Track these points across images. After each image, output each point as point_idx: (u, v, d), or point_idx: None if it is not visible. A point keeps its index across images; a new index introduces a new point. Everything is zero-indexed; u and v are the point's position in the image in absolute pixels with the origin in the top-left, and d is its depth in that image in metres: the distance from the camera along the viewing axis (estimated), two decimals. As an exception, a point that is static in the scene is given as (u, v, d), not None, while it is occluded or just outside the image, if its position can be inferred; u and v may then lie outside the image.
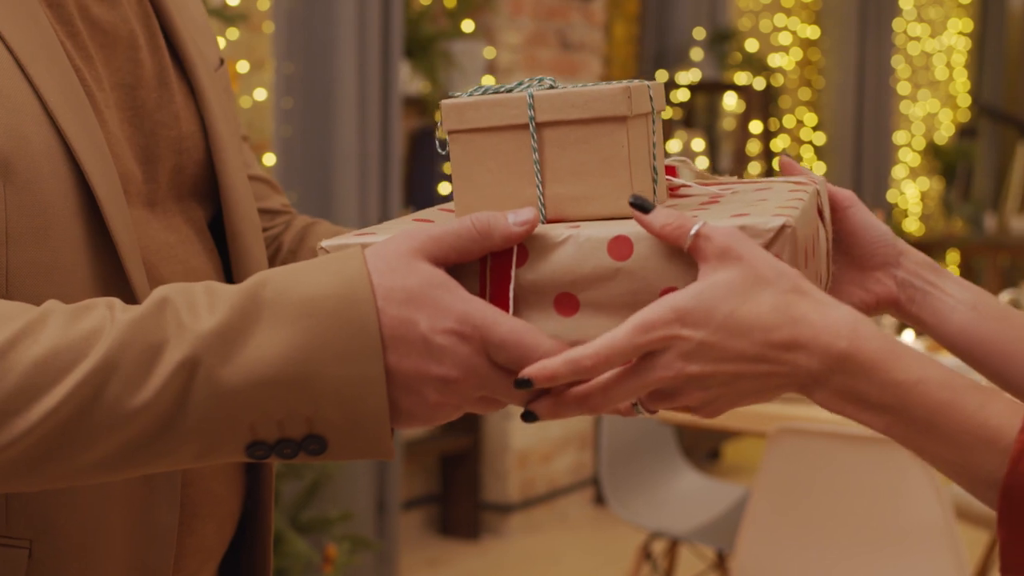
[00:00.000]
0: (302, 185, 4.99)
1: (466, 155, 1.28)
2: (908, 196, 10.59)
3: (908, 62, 10.58)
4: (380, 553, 5.22)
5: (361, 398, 1.08)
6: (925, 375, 1.06)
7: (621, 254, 1.16)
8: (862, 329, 1.07)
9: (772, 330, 1.07)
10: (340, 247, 1.20)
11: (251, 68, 4.80)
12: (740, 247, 1.10)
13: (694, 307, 1.08)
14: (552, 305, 1.18)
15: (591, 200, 1.25)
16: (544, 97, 1.25)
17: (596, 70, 6.75)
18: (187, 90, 1.44)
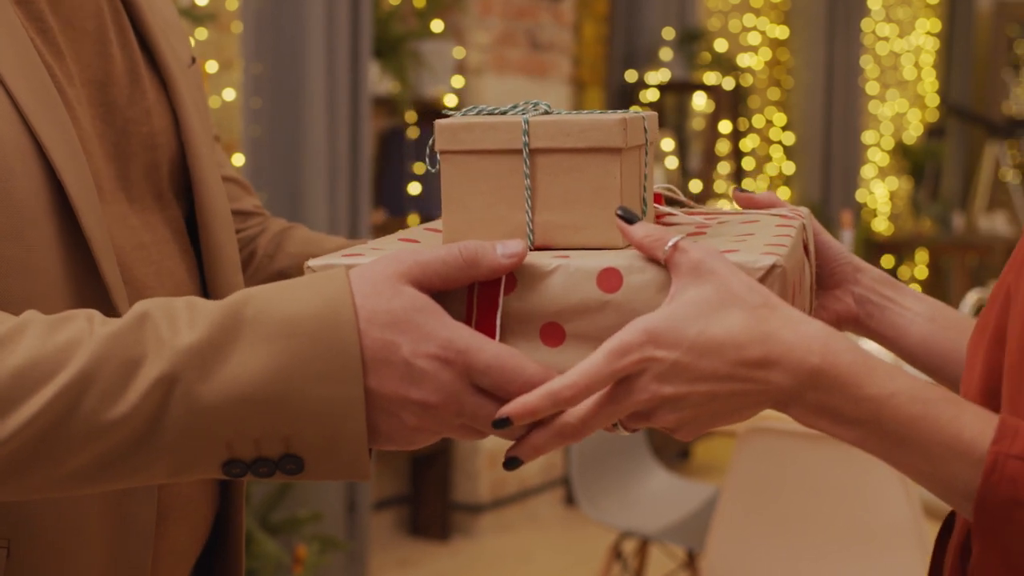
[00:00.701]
0: (271, 185, 4.98)
1: (457, 176, 1.27)
2: (877, 196, 10.62)
3: (877, 62, 10.61)
4: (350, 553, 5.22)
5: (340, 419, 1.07)
6: (897, 388, 1.06)
7: (610, 286, 1.16)
8: (834, 344, 1.07)
9: (744, 348, 1.07)
10: (326, 267, 1.19)
11: (220, 68, 4.79)
12: (713, 263, 1.10)
13: (666, 328, 1.08)
14: (538, 335, 1.18)
15: (580, 229, 1.25)
16: (539, 123, 1.24)
17: (565, 70, 6.75)
18: (159, 86, 1.43)
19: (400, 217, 5.96)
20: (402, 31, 5.82)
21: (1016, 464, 1.03)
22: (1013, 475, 1.03)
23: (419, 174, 6.06)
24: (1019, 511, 1.03)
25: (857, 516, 3.45)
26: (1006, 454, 1.03)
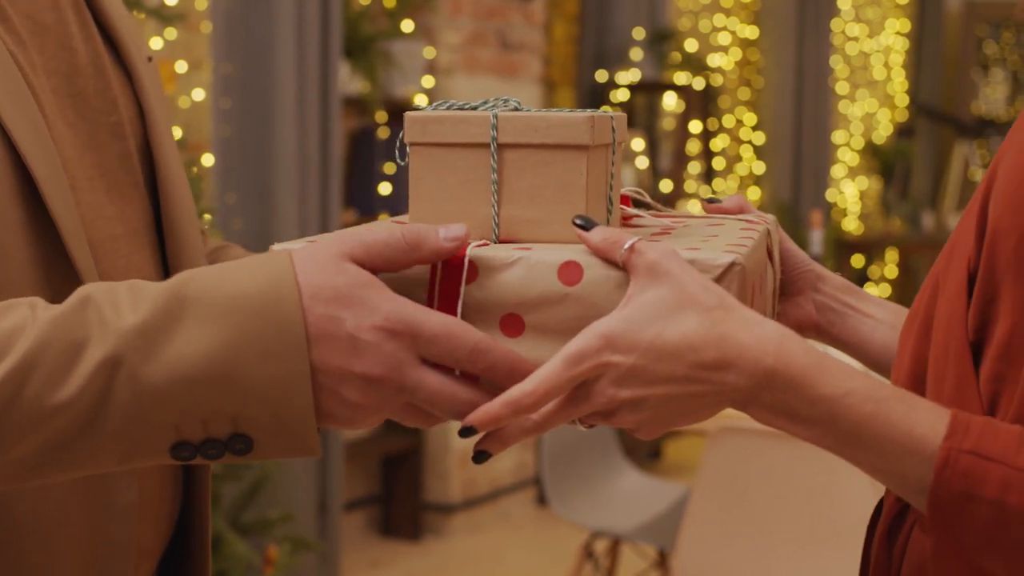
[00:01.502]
0: (241, 186, 4.97)
1: (425, 168, 1.28)
2: (847, 195, 10.65)
3: (846, 62, 10.64)
4: (321, 554, 5.21)
5: (286, 396, 1.07)
6: (851, 388, 1.08)
7: (571, 279, 1.17)
8: (788, 344, 1.09)
9: (700, 350, 1.08)
10: (288, 250, 1.19)
11: (189, 68, 4.78)
12: (668, 264, 1.11)
13: (622, 331, 1.09)
14: (498, 325, 1.19)
15: (545, 224, 1.26)
16: (508, 119, 1.25)
17: (536, 70, 6.75)
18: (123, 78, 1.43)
19: (370, 217, 5.96)
20: (372, 31, 5.82)
21: (968, 459, 1.04)
22: (965, 470, 1.04)
23: (390, 174, 6.06)
24: (972, 505, 1.04)
25: (826, 514, 3.46)
26: (958, 449, 1.05)
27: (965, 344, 1.15)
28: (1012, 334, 1.12)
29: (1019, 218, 1.11)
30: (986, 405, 1.13)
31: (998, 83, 11.93)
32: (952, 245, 1.22)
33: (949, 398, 1.16)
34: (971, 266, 1.16)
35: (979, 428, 1.06)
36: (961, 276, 1.17)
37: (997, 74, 11.94)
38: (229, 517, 4.05)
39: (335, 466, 5.29)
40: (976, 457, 1.04)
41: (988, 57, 11.90)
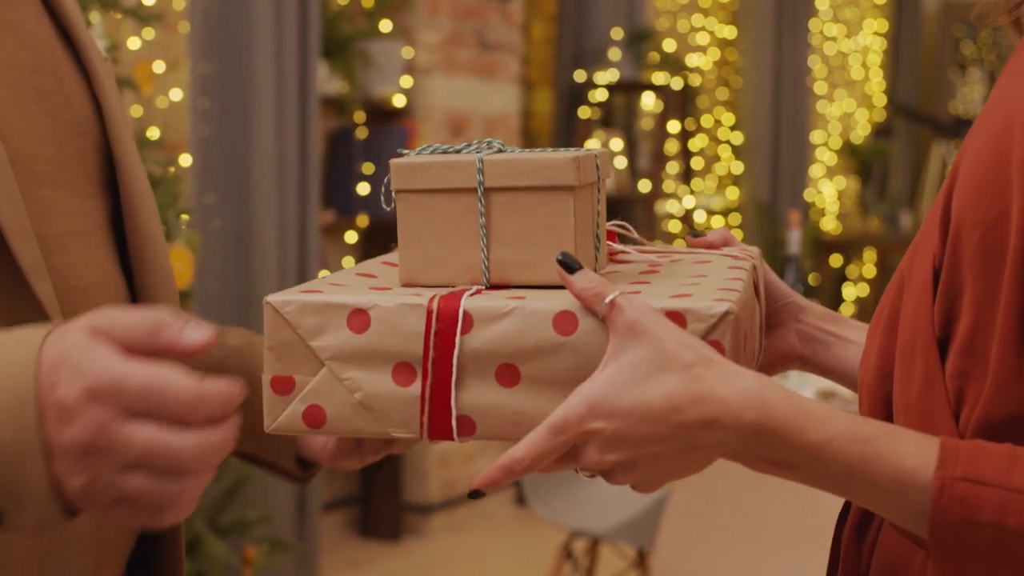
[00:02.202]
0: (220, 186, 4.96)
1: (413, 215, 1.29)
2: (825, 195, 10.67)
3: (824, 62, 10.66)
4: (300, 555, 5.20)
5: (22, 468, 1.02)
6: (835, 432, 1.09)
7: (566, 329, 1.18)
8: (769, 396, 1.10)
9: (681, 411, 1.10)
10: (285, 302, 1.23)
11: (167, 68, 4.77)
12: (647, 321, 1.13)
13: (603, 397, 1.11)
14: (494, 375, 1.20)
15: (535, 266, 1.27)
16: (494, 163, 1.26)
17: (514, 70, 6.75)
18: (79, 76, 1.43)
19: (349, 217, 5.95)
20: (350, 31, 5.81)
21: (963, 485, 1.05)
22: (961, 496, 1.05)
23: (368, 174, 6.05)
24: (972, 530, 1.05)
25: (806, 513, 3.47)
26: (951, 477, 1.06)
27: (932, 340, 1.16)
28: (975, 329, 1.12)
29: (982, 213, 1.11)
30: (952, 400, 1.14)
31: (975, 83, 11.96)
32: (917, 242, 1.23)
33: (916, 394, 1.17)
34: (936, 262, 1.17)
35: (969, 453, 1.07)
36: (926, 272, 1.18)
37: (974, 74, 11.97)
38: (207, 518, 4.04)
39: (314, 467, 5.28)
40: (970, 483, 1.05)
41: (965, 57, 11.93)
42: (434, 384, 1.21)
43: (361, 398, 1.24)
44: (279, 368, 1.26)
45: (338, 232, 6.05)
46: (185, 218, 3.93)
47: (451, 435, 1.22)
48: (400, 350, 1.22)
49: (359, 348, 1.23)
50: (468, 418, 1.22)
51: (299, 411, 1.26)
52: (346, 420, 1.25)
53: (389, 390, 1.23)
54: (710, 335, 1.16)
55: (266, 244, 4.98)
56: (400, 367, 1.22)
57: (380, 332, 1.21)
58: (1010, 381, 1.10)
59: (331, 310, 1.23)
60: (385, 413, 1.23)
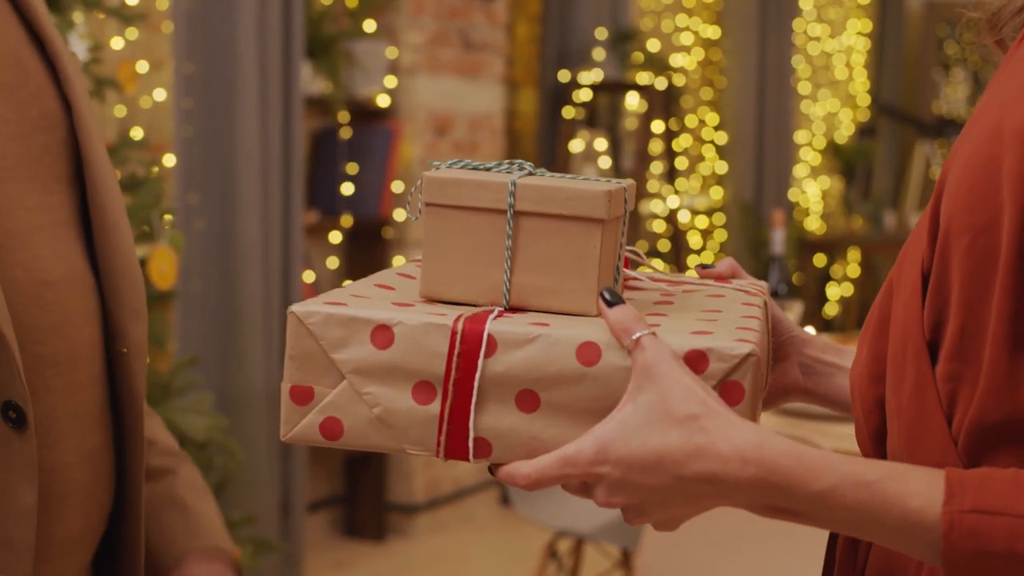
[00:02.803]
0: (204, 186, 4.95)
1: (440, 229, 1.30)
2: (809, 195, 10.67)
3: (808, 62, 10.67)
4: (285, 555, 5.20)
5: None
6: (838, 479, 1.10)
7: (589, 360, 1.19)
8: (768, 449, 1.11)
9: (682, 464, 1.12)
10: (309, 312, 1.24)
11: (150, 68, 4.76)
12: (662, 366, 1.15)
13: (612, 441, 1.14)
14: (514, 400, 1.21)
15: (556, 294, 1.28)
16: (526, 187, 1.27)
17: (498, 70, 6.75)
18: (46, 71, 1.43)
19: (333, 217, 5.94)
20: (334, 31, 5.81)
21: (972, 517, 1.06)
22: (971, 528, 1.06)
23: (352, 174, 6.05)
24: (986, 560, 1.06)
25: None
26: (960, 511, 1.06)
27: (922, 344, 1.17)
28: (963, 333, 1.13)
29: (972, 219, 1.12)
30: (945, 404, 1.15)
31: (959, 83, 11.98)
32: (908, 246, 1.24)
33: (908, 398, 1.18)
34: (925, 266, 1.18)
35: (975, 484, 1.07)
36: (915, 276, 1.19)
37: (958, 74, 11.98)
38: (191, 519, 4.03)
39: (298, 467, 5.28)
40: (979, 514, 1.06)
41: (949, 57, 11.95)
42: (454, 405, 1.22)
43: (379, 413, 1.24)
44: (299, 378, 1.26)
45: (322, 232, 6.04)
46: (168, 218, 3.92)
47: (467, 456, 1.23)
48: (422, 368, 1.23)
49: (381, 364, 1.24)
50: (485, 440, 1.23)
51: (316, 422, 1.26)
52: (363, 434, 1.25)
53: (408, 407, 1.24)
54: (731, 375, 1.18)
55: (250, 244, 4.97)
56: (420, 385, 1.23)
57: (403, 349, 1.22)
58: (1003, 385, 1.10)
59: (356, 324, 1.24)
60: (402, 430, 1.24)
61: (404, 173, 6.21)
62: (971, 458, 1.14)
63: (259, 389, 5.01)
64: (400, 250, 6.23)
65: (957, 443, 1.14)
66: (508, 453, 1.22)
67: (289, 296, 5.22)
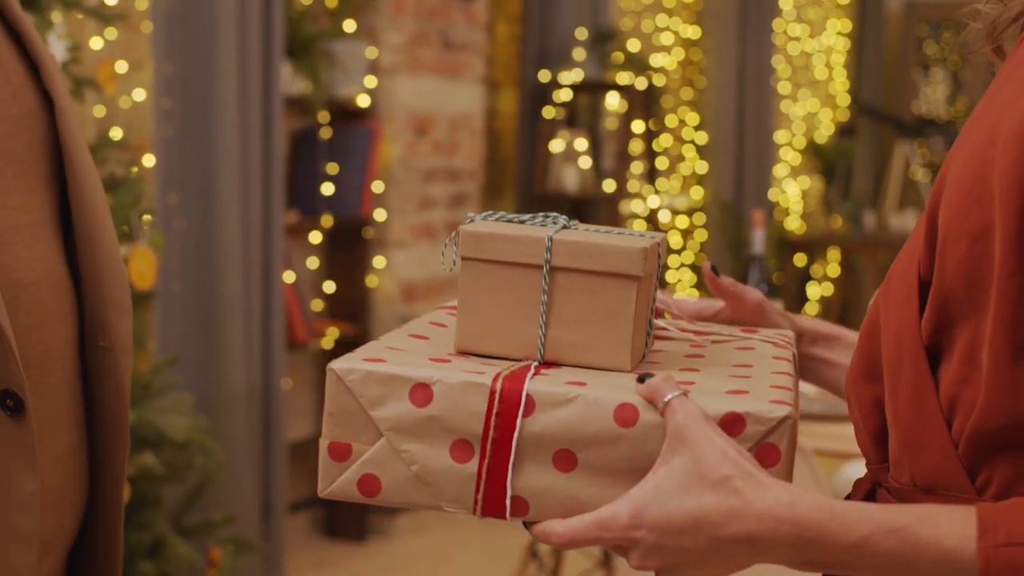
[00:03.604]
0: (183, 186, 4.94)
1: (476, 284, 1.32)
2: (789, 194, 10.69)
3: (788, 62, 10.68)
4: (265, 556, 5.19)
5: None
6: (870, 529, 1.11)
7: (626, 421, 1.20)
8: (800, 507, 1.13)
9: (718, 527, 1.14)
10: (348, 370, 1.25)
11: (130, 68, 4.75)
12: (694, 428, 1.16)
13: (647, 505, 1.16)
14: (551, 459, 1.22)
15: (590, 349, 1.30)
16: (562, 243, 1.29)
17: (478, 70, 6.75)
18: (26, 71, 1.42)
19: (313, 217, 5.94)
20: (314, 31, 5.80)
21: (1007, 551, 1.07)
22: (1007, 562, 1.06)
23: (332, 174, 6.04)
24: None
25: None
26: (994, 546, 1.07)
27: (920, 349, 1.18)
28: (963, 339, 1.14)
29: (969, 224, 1.13)
30: (945, 408, 1.16)
31: (938, 83, 12.00)
32: (904, 249, 1.25)
33: (906, 402, 1.19)
34: (922, 271, 1.19)
35: (1007, 517, 1.08)
36: (911, 280, 1.20)
37: (937, 74, 12.01)
38: (172, 519, 4.03)
39: (279, 467, 5.27)
40: (1013, 547, 1.06)
41: (928, 57, 11.97)
42: (491, 463, 1.23)
43: (417, 471, 1.25)
44: (337, 434, 1.27)
45: (302, 232, 6.03)
46: (148, 218, 3.92)
47: (504, 515, 1.24)
48: (460, 427, 1.24)
49: (419, 422, 1.25)
50: (522, 499, 1.24)
51: (354, 478, 1.27)
52: (400, 491, 1.26)
53: (446, 466, 1.25)
54: (768, 438, 1.20)
55: (230, 244, 4.96)
56: (459, 443, 1.24)
57: (442, 408, 1.23)
58: (1003, 392, 1.11)
59: (394, 382, 1.25)
60: (440, 488, 1.25)
61: (384, 173, 6.20)
62: (971, 462, 1.15)
63: (239, 389, 5.00)
64: (380, 250, 6.22)
65: (958, 447, 1.15)
66: (545, 511, 1.24)
67: (269, 296, 5.21)
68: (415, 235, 6.38)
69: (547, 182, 7.48)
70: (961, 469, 1.15)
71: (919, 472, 1.19)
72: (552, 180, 7.48)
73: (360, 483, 1.27)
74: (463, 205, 6.72)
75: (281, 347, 5.27)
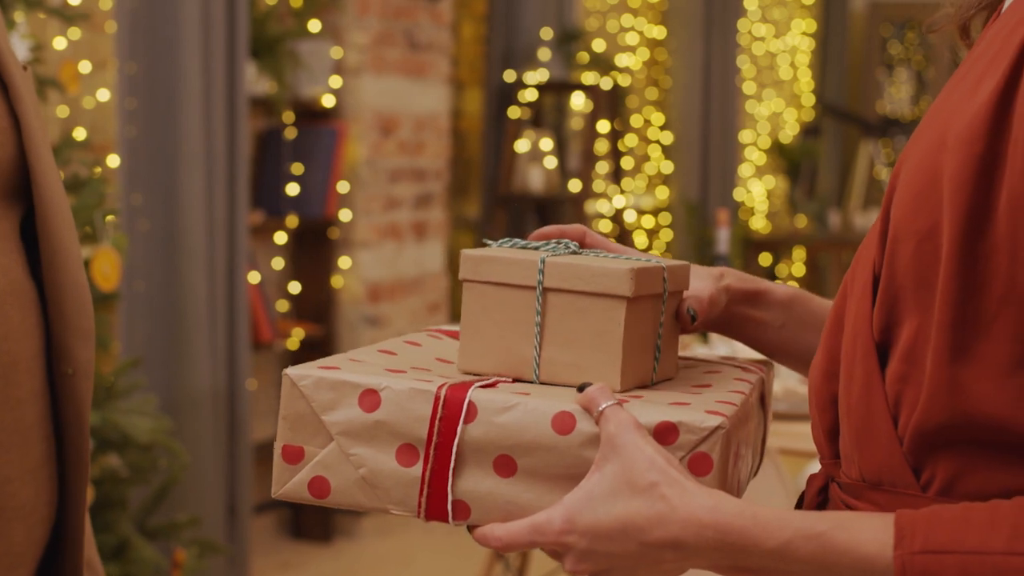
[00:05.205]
0: (147, 186, 4.93)
1: (476, 305, 1.36)
2: (754, 194, 10.72)
3: (753, 62, 10.71)
4: (230, 557, 5.17)
5: None
6: (791, 534, 1.13)
7: (563, 428, 1.23)
8: (722, 510, 1.15)
9: (645, 531, 1.16)
10: (302, 376, 1.29)
11: (93, 68, 4.73)
12: (624, 437, 1.19)
13: (579, 511, 1.19)
14: (492, 465, 1.25)
15: (582, 369, 1.33)
16: (555, 264, 1.33)
17: (444, 70, 6.74)
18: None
19: (278, 217, 5.93)
20: (279, 31, 5.79)
21: (922, 559, 1.08)
22: (922, 569, 1.08)
23: (297, 175, 6.03)
24: None
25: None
26: (909, 553, 1.09)
27: (871, 344, 1.19)
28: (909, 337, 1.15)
29: (917, 224, 1.14)
30: (891, 404, 1.17)
31: (902, 83, 12.06)
32: (862, 247, 1.27)
33: (857, 397, 1.20)
34: (875, 268, 1.20)
35: (924, 524, 1.09)
36: (867, 277, 1.21)
37: (901, 74, 12.07)
38: (136, 521, 4.02)
39: (244, 468, 5.26)
40: (928, 555, 1.08)
41: (893, 57, 12.03)
42: (434, 468, 1.26)
43: (365, 474, 1.29)
44: (291, 437, 1.31)
45: (267, 233, 6.02)
46: (112, 219, 3.90)
47: (447, 518, 1.27)
48: (406, 432, 1.27)
49: (367, 426, 1.28)
50: (464, 503, 1.27)
51: (305, 480, 1.31)
52: (349, 493, 1.30)
53: (392, 469, 1.28)
54: (699, 447, 1.22)
55: (195, 245, 4.95)
56: (404, 448, 1.27)
57: (389, 413, 1.27)
58: (943, 391, 1.12)
59: (345, 387, 1.29)
60: (386, 490, 1.28)
61: (349, 173, 6.19)
62: (916, 458, 1.16)
63: (204, 390, 4.99)
64: (346, 250, 6.21)
65: (903, 443, 1.16)
66: (486, 515, 1.26)
67: (234, 297, 5.20)
68: (381, 235, 6.37)
69: (513, 182, 7.48)
70: (906, 465, 1.17)
71: (867, 467, 1.20)
72: (518, 180, 7.48)
73: (311, 485, 1.30)
74: (429, 205, 6.72)
75: (246, 348, 5.26)
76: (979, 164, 1.10)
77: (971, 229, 1.10)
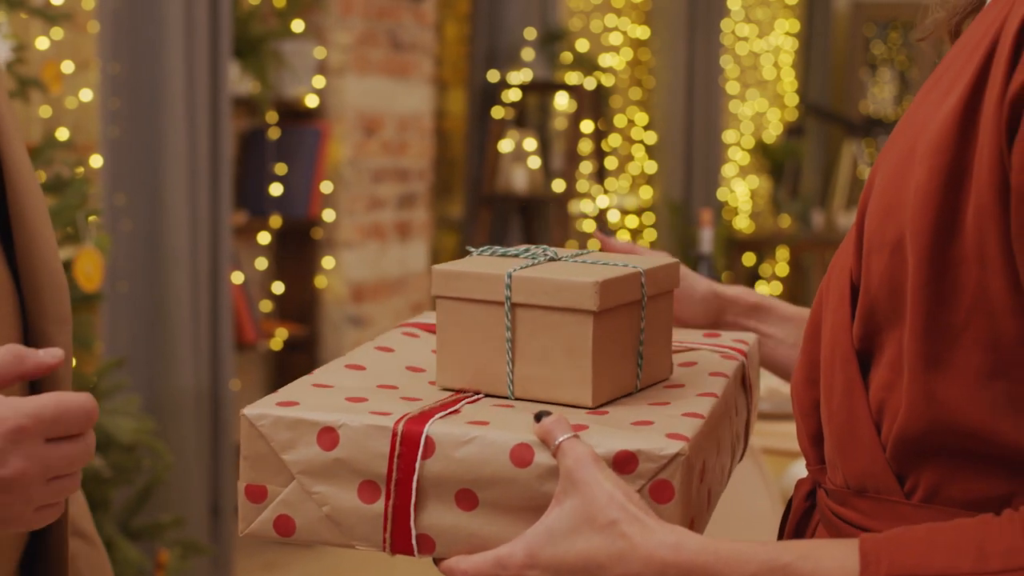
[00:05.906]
0: (131, 187, 4.92)
1: (449, 321, 1.35)
2: (738, 194, 10.73)
3: (737, 62, 10.72)
4: (214, 558, 5.17)
5: None
6: (755, 568, 1.12)
7: (522, 461, 1.22)
8: (684, 548, 1.14)
9: (605, 568, 1.15)
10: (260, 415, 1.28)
11: (76, 68, 4.72)
12: (582, 472, 1.18)
13: (541, 547, 1.18)
14: (453, 499, 1.24)
15: (555, 385, 1.31)
16: (521, 279, 1.30)
17: (427, 70, 6.74)
18: None
19: (262, 217, 5.92)
20: (262, 31, 5.78)
21: None
22: None
23: (280, 175, 6.03)
24: None
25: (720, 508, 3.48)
26: None
27: (851, 352, 1.19)
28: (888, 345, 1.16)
29: (888, 235, 1.14)
30: (874, 411, 1.17)
31: (886, 83, 12.07)
32: (838, 254, 1.27)
33: (838, 404, 1.20)
34: (853, 276, 1.21)
35: (889, 549, 1.09)
36: (843, 285, 1.22)
37: (885, 74, 12.08)
38: (119, 522, 4.01)
39: (227, 469, 5.26)
40: None
41: (876, 57, 12.04)
42: (396, 503, 1.25)
43: (328, 512, 1.28)
44: (253, 477, 1.30)
45: (251, 233, 6.01)
46: (95, 219, 3.90)
47: (412, 552, 1.27)
48: (366, 469, 1.26)
49: (327, 464, 1.27)
50: (428, 537, 1.26)
51: (270, 519, 1.30)
52: (314, 531, 1.29)
53: (355, 506, 1.27)
54: (660, 475, 1.20)
55: (178, 245, 4.94)
56: (365, 485, 1.26)
57: (347, 451, 1.25)
58: (920, 400, 1.12)
59: (302, 426, 1.27)
60: (350, 527, 1.28)
61: (333, 173, 6.19)
62: (899, 465, 1.16)
63: (187, 391, 4.98)
64: (329, 250, 6.21)
65: (886, 450, 1.17)
66: (451, 548, 1.25)
67: (217, 297, 5.19)
68: (364, 235, 6.37)
69: (496, 182, 7.48)
70: (890, 472, 1.16)
71: (851, 474, 1.20)
72: (501, 180, 7.49)
73: (276, 523, 1.30)
74: (412, 205, 6.72)
75: (230, 348, 5.25)
76: (946, 174, 1.10)
77: (940, 239, 1.10)
